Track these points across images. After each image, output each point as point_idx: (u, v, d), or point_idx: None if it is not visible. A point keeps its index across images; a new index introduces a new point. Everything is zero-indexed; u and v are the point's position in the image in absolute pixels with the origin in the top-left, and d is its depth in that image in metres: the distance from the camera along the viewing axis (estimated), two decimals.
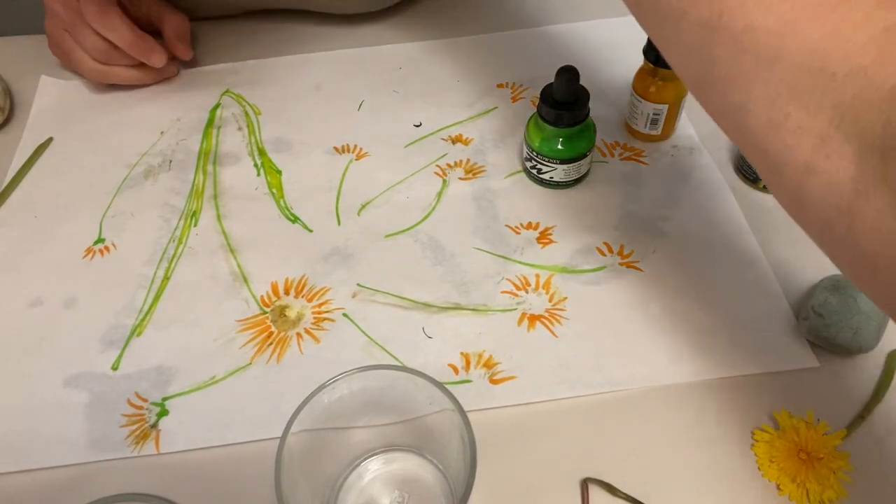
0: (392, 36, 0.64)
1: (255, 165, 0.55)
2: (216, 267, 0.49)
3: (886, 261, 0.23)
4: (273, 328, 0.45)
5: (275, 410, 0.42)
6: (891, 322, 0.42)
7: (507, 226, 0.50)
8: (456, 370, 0.43)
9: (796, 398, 0.40)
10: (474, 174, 0.53)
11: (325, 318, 0.46)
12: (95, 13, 0.56)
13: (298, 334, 0.45)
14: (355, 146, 0.56)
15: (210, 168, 0.55)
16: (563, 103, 0.47)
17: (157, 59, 0.59)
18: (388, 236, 0.50)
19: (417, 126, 0.57)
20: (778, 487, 0.38)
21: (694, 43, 0.29)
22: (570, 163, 0.50)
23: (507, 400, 0.41)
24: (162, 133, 0.58)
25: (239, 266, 0.49)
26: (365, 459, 0.39)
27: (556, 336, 0.44)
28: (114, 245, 0.51)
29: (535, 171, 0.51)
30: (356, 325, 0.45)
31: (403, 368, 0.34)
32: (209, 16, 0.67)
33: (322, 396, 0.33)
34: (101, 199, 0.53)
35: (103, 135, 0.58)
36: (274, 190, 0.54)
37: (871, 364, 0.42)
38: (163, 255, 0.50)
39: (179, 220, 0.52)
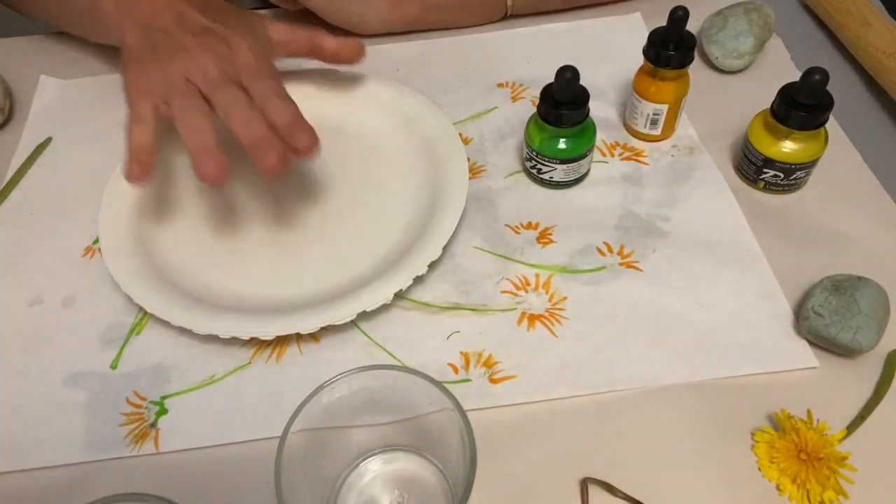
0: (392, 34, 0.64)
1: None
2: None
3: None
4: None
5: (274, 410, 0.42)
6: (891, 322, 0.42)
7: (507, 226, 0.50)
8: (455, 369, 0.43)
9: (796, 398, 0.40)
10: (474, 174, 0.53)
11: None
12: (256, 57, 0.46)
13: (298, 333, 0.45)
14: None
15: None
16: (563, 103, 0.47)
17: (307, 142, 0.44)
18: None
19: None
20: (778, 488, 0.38)
21: None
22: (570, 163, 0.50)
23: (506, 399, 0.41)
24: None
25: None
26: (365, 459, 0.39)
27: (556, 336, 0.44)
28: None
29: (535, 171, 0.51)
30: (356, 324, 0.45)
31: (403, 368, 0.34)
32: None
33: (322, 396, 0.33)
34: (100, 198, 0.53)
35: (103, 134, 0.58)
36: None
37: (871, 364, 0.42)
38: None
39: None
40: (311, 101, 0.56)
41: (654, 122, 0.53)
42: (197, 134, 0.43)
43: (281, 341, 0.44)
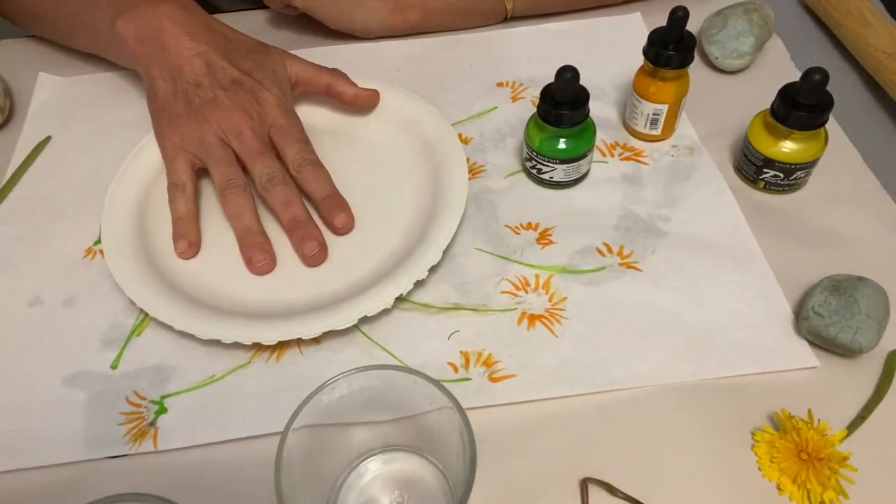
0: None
1: None
2: None
3: None
4: None
5: (274, 410, 0.42)
6: (891, 322, 0.42)
7: (507, 226, 0.50)
8: (455, 368, 0.43)
9: (796, 398, 0.40)
10: (474, 174, 0.53)
11: None
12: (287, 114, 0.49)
13: None
14: None
15: None
16: (563, 103, 0.47)
17: (343, 220, 0.48)
18: None
19: None
20: (778, 488, 0.38)
21: None
22: (570, 163, 0.49)
23: (506, 398, 0.41)
24: None
25: None
26: (365, 459, 0.39)
27: (556, 336, 0.44)
28: None
29: (535, 171, 0.51)
30: (356, 326, 0.45)
31: (403, 368, 0.34)
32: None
33: (322, 396, 0.33)
34: (100, 198, 0.53)
35: (103, 133, 0.58)
36: None
37: (871, 364, 0.42)
38: None
39: None
40: (310, 104, 0.56)
41: (653, 122, 0.53)
42: (241, 214, 0.47)
43: (281, 342, 0.44)
